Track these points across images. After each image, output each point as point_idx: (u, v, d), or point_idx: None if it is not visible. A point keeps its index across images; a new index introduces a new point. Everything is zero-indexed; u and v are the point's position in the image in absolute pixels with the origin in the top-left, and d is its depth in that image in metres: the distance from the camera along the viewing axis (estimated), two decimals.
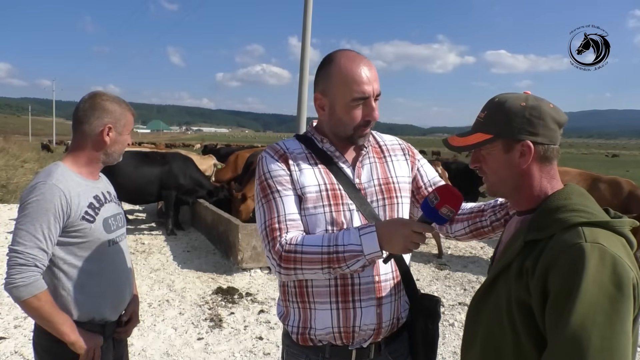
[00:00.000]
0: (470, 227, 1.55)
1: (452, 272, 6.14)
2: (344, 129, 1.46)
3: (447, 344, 3.99)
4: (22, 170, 16.18)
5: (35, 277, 1.56)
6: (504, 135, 1.13)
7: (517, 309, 1.04)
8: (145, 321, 4.25)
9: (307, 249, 1.32)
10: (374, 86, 1.41)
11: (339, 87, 1.41)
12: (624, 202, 5.31)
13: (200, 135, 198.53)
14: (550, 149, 1.13)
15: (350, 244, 1.30)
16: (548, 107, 1.13)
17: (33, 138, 64.04)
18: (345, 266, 1.31)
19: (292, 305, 1.49)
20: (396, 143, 1.65)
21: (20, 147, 25.92)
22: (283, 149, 1.49)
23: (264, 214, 1.42)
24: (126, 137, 1.83)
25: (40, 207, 1.57)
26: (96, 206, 1.73)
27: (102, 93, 1.79)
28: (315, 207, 1.42)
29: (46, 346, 1.69)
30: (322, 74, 1.46)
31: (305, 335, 1.46)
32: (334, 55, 1.46)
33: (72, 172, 1.71)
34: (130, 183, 7.33)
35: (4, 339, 3.79)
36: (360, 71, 1.40)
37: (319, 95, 1.47)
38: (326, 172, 1.46)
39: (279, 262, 1.34)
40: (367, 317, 1.44)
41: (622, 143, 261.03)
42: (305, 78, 9.91)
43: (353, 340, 1.45)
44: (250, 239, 5.66)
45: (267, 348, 3.82)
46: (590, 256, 0.94)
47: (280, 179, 1.43)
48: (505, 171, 1.16)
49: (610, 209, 1.14)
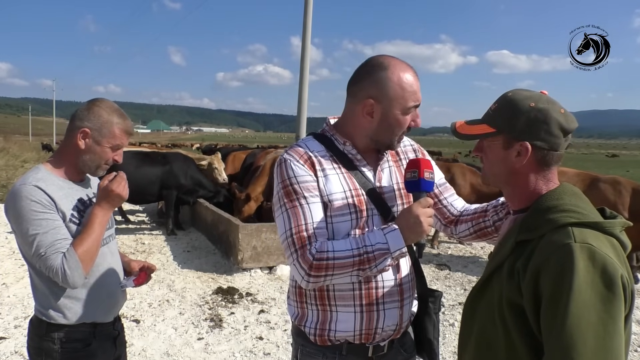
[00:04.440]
0: (474, 227, 1.58)
1: (452, 272, 6.14)
2: (391, 135, 1.45)
3: (447, 344, 3.99)
4: (22, 170, 16.19)
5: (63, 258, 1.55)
6: (505, 132, 1.14)
7: (508, 309, 1.05)
8: (145, 321, 4.25)
9: (338, 255, 1.32)
10: (420, 93, 1.45)
11: (397, 95, 1.40)
12: (630, 201, 5.22)
13: (200, 135, 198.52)
14: (550, 155, 1.13)
15: (377, 243, 1.33)
16: (558, 112, 1.11)
17: (33, 138, 64.03)
18: (374, 266, 1.33)
19: (310, 307, 1.48)
20: (408, 144, 1.65)
21: (21, 147, 25.94)
22: (307, 151, 1.44)
23: (289, 220, 1.37)
24: (106, 150, 1.69)
25: (30, 208, 1.55)
26: (81, 209, 1.70)
27: (103, 100, 1.74)
28: (342, 215, 1.41)
29: (37, 348, 1.69)
30: (374, 80, 1.41)
31: (324, 336, 1.46)
32: (385, 61, 1.42)
33: (53, 175, 1.67)
34: (131, 183, 7.27)
35: (4, 339, 3.79)
36: (414, 79, 1.43)
37: (371, 101, 1.41)
38: (349, 176, 1.45)
39: (308, 271, 1.32)
40: (390, 319, 1.46)
41: (622, 143, 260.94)
42: (306, 78, 9.87)
43: (373, 340, 1.47)
44: (250, 239, 5.66)
45: (267, 348, 3.82)
46: (579, 257, 0.95)
47: (307, 184, 1.39)
48: (499, 166, 1.18)
49: (606, 208, 1.14)
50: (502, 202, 1.54)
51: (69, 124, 1.71)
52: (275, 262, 5.82)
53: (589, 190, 5.38)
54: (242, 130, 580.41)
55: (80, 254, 1.57)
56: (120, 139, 1.72)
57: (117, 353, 1.87)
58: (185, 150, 12.96)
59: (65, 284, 1.58)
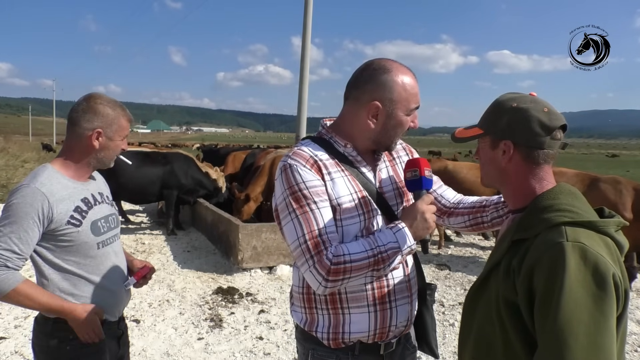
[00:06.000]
0: (470, 221, 1.63)
1: (452, 272, 6.14)
2: (391, 137, 1.48)
3: (447, 344, 3.99)
4: (22, 170, 16.20)
5: (4, 276, 1.53)
6: (490, 133, 1.21)
7: (504, 307, 1.07)
8: (145, 321, 4.25)
9: (354, 257, 1.32)
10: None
11: (402, 97, 1.43)
12: (631, 201, 5.20)
13: (200, 135, 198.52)
14: (536, 152, 1.16)
15: (389, 242, 1.35)
16: (540, 110, 1.14)
17: (33, 138, 64.03)
18: (388, 265, 1.35)
19: (321, 312, 1.48)
20: (398, 143, 1.67)
21: (21, 147, 25.95)
22: (312, 155, 1.43)
23: (300, 227, 1.35)
24: (118, 143, 1.77)
25: (20, 210, 1.55)
26: (83, 209, 1.70)
27: (99, 95, 1.76)
28: (351, 217, 1.42)
29: (44, 346, 1.69)
30: (376, 83, 1.42)
31: (338, 340, 1.46)
32: (386, 64, 1.44)
33: (60, 174, 1.69)
34: (132, 183, 7.35)
35: (4, 339, 3.79)
36: (415, 82, 1.46)
37: (376, 104, 1.42)
38: (352, 178, 1.46)
39: (326, 276, 1.30)
40: (402, 315, 1.50)
41: (622, 143, 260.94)
42: (306, 78, 9.86)
43: (387, 338, 1.50)
44: (250, 239, 5.66)
45: (268, 348, 3.82)
46: (570, 255, 0.97)
47: (316, 189, 1.38)
48: (489, 166, 1.24)
49: (605, 208, 1.16)
50: (503, 200, 1.56)
51: (70, 124, 1.72)
52: (275, 262, 5.82)
53: (589, 190, 5.36)
54: (242, 130, 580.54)
55: (17, 288, 1.55)
56: (127, 128, 1.81)
57: (121, 352, 1.88)
58: (186, 151, 12.97)
59: None
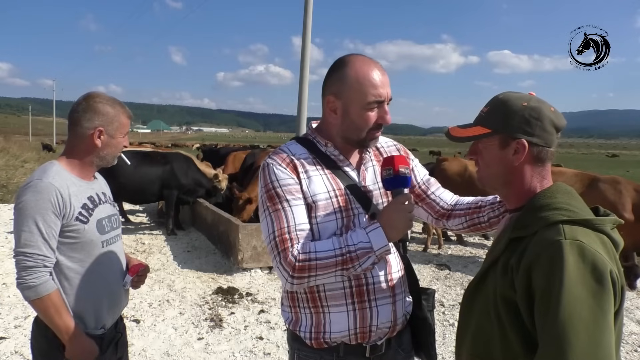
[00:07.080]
0: (467, 222, 1.61)
1: (452, 272, 6.14)
2: (357, 132, 1.46)
3: (447, 344, 3.99)
4: (22, 170, 16.20)
5: (45, 278, 1.58)
6: (501, 131, 1.18)
7: (502, 305, 1.07)
8: (145, 321, 4.25)
9: (320, 255, 1.33)
10: (387, 90, 1.44)
11: (354, 90, 1.41)
12: (630, 201, 5.19)
13: (200, 135, 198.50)
14: (545, 151, 1.17)
15: (360, 242, 1.34)
16: (549, 110, 1.16)
17: (33, 138, 64.03)
18: (358, 265, 1.34)
19: (303, 311, 1.49)
20: (392, 144, 1.68)
21: (21, 147, 25.96)
22: (289, 154, 1.46)
23: (272, 224, 1.38)
24: (120, 140, 1.79)
25: (39, 206, 1.57)
26: (90, 207, 1.72)
27: (97, 94, 1.77)
28: (327, 215, 1.42)
29: (43, 349, 1.70)
30: (335, 77, 1.44)
31: (319, 339, 1.46)
32: (347, 58, 1.45)
33: (67, 172, 1.71)
34: (131, 183, 7.35)
35: (4, 339, 3.80)
36: (376, 75, 1.42)
37: (331, 97, 1.45)
38: (332, 177, 1.47)
39: (291, 272, 1.33)
40: (384, 315, 1.47)
41: (622, 143, 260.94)
42: (306, 78, 9.85)
43: (369, 339, 1.48)
44: (250, 239, 5.67)
45: (268, 348, 3.82)
46: (568, 253, 0.98)
47: (289, 187, 1.40)
48: (497, 166, 1.20)
49: (600, 207, 1.17)
50: (499, 200, 1.56)
51: (71, 124, 1.73)
52: None
53: (589, 190, 5.36)
54: (242, 130, 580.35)
55: (52, 295, 1.60)
56: (128, 125, 1.83)
57: (119, 354, 1.88)
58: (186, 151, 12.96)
59: (19, 287, 1.61)
